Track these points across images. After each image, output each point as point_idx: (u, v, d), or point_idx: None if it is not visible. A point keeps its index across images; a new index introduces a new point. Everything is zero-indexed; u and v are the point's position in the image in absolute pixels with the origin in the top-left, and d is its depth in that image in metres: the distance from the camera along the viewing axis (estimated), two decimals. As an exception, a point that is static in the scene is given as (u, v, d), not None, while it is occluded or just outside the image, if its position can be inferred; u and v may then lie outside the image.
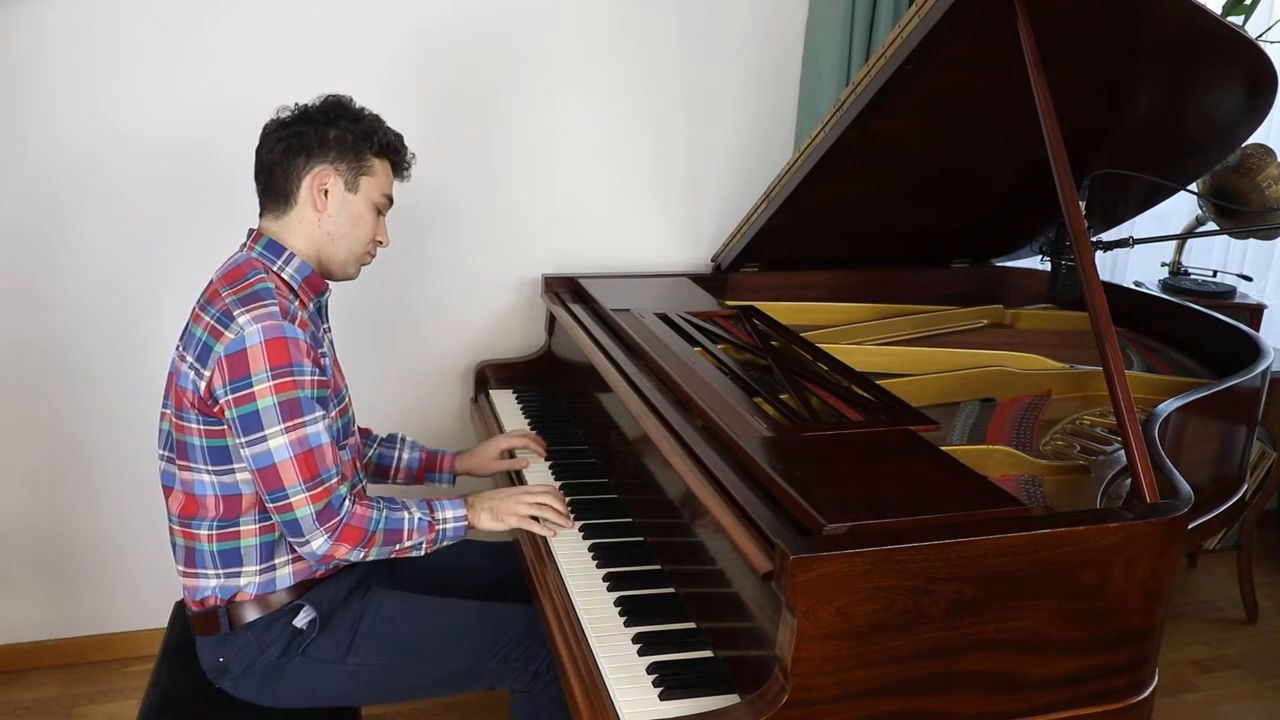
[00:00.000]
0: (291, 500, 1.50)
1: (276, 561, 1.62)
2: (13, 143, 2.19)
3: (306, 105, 1.65)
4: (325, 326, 1.72)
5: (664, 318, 2.08)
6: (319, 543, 1.53)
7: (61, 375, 2.37)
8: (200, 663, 1.67)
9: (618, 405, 1.84)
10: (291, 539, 1.55)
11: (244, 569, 1.61)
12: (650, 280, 2.48)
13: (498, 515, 1.69)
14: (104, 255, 2.31)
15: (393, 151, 1.69)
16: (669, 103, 2.58)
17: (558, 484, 1.88)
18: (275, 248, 1.62)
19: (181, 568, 1.64)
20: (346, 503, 1.56)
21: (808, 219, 2.31)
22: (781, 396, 1.66)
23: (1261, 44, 1.89)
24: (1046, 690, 1.30)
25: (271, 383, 1.47)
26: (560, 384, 2.41)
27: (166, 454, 1.62)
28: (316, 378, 1.54)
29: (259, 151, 1.64)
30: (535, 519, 1.70)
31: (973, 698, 1.27)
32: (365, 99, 1.69)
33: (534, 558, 1.68)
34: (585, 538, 1.70)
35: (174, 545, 1.64)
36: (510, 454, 2.01)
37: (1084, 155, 2.09)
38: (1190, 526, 1.40)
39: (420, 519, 1.63)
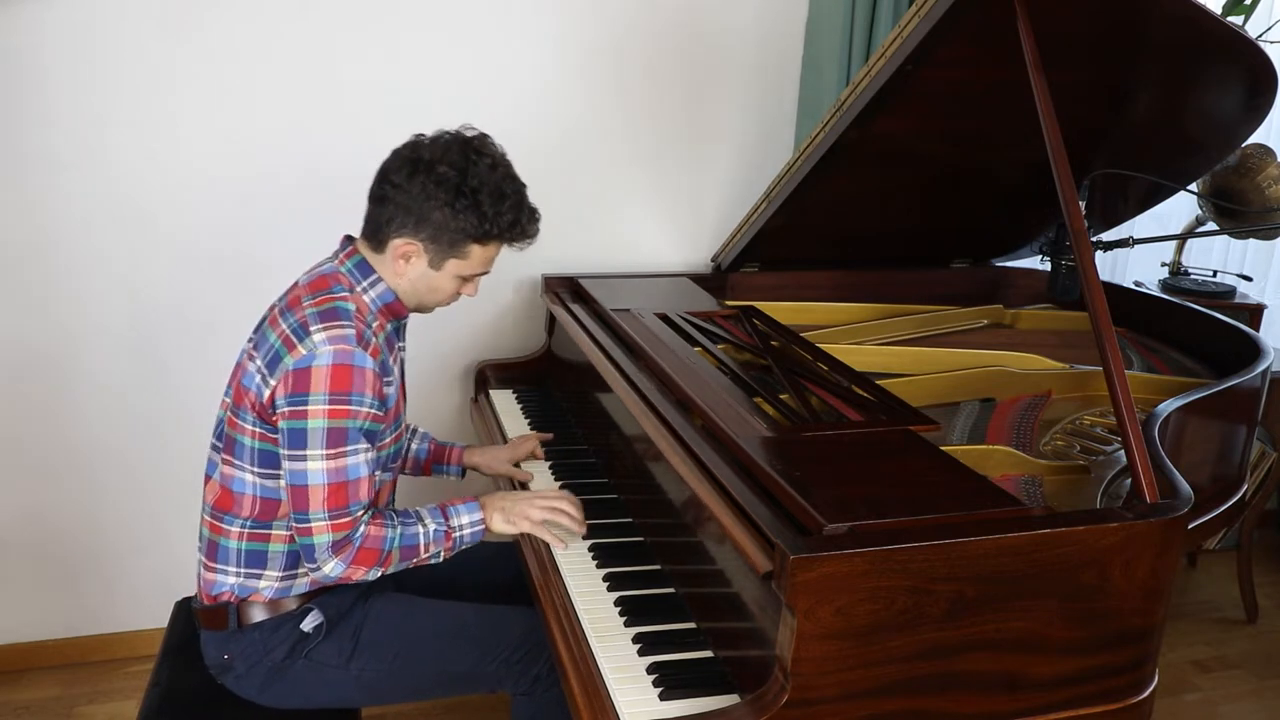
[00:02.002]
0: (312, 525, 1.51)
1: (298, 571, 1.62)
2: (12, 142, 2.19)
3: (444, 150, 1.54)
4: (400, 345, 1.72)
5: (664, 318, 2.08)
6: (331, 566, 1.54)
7: (62, 376, 2.36)
8: (204, 658, 1.67)
9: (618, 405, 1.83)
10: (306, 561, 1.55)
11: (266, 572, 1.61)
12: (650, 280, 2.47)
13: (509, 518, 1.67)
14: (104, 255, 2.30)
15: (505, 240, 1.62)
16: (669, 103, 2.58)
17: (557, 484, 1.88)
18: (365, 269, 1.60)
19: (203, 559, 1.64)
20: (361, 527, 1.55)
21: (808, 219, 2.31)
22: (781, 396, 1.65)
23: (1261, 44, 1.89)
24: (1046, 690, 1.30)
25: (327, 406, 1.47)
26: (560, 384, 2.41)
27: (217, 443, 1.62)
28: (373, 410, 1.52)
29: (380, 170, 1.59)
30: (547, 524, 1.68)
31: (973, 698, 1.27)
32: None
33: (534, 558, 1.68)
34: (585, 538, 1.70)
35: (200, 535, 1.66)
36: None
37: (1084, 155, 2.09)
38: (1190, 526, 1.40)
39: (436, 530, 1.61)
